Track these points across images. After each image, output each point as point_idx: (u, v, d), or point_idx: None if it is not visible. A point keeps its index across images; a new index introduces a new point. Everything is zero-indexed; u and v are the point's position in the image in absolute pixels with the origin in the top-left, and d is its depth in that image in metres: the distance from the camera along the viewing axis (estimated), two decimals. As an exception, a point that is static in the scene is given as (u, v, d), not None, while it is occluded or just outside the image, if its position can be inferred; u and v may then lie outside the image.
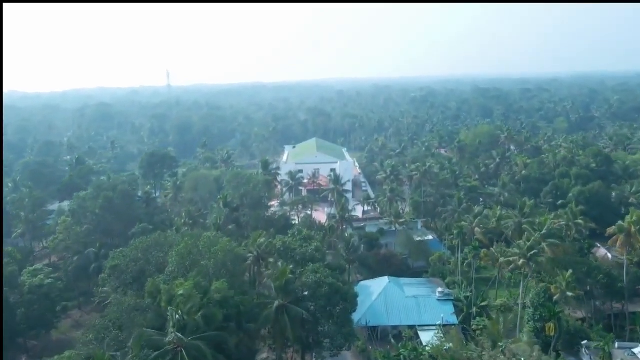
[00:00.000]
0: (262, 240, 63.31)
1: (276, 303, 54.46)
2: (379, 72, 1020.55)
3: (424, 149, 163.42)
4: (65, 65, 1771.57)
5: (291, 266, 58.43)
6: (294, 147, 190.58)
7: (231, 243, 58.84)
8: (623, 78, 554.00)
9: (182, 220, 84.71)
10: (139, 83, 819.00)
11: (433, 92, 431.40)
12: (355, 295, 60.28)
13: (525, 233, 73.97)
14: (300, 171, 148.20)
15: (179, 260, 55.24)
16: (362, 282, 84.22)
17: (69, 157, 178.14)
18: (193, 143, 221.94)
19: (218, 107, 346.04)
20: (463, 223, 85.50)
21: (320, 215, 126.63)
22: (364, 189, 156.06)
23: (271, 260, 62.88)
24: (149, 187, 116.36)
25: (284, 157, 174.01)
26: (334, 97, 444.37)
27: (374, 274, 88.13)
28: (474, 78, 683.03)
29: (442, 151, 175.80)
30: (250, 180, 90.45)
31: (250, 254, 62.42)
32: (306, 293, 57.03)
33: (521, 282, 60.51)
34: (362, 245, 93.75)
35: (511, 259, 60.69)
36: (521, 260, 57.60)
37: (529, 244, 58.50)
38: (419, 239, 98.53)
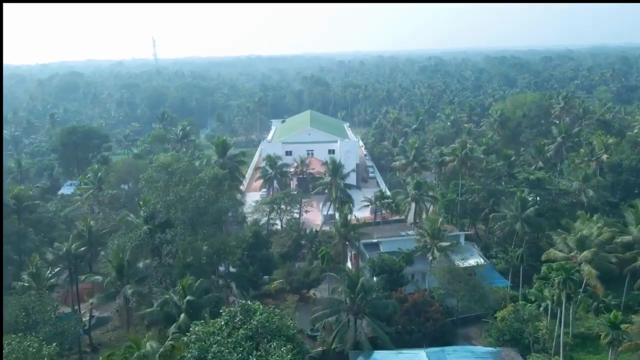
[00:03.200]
0: (149, 348, 26.32)
1: None
2: (379, 46, 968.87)
3: (449, 123, 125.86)
4: (56, 38, 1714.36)
5: None
6: (283, 122, 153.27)
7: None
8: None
9: (63, 251, 48.03)
10: (131, 55, 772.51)
11: (443, 62, 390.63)
12: None
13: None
14: (288, 153, 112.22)
15: None
16: (380, 355, 48.28)
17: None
18: (175, 118, 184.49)
19: (203, 77, 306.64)
20: (557, 253, 48.70)
21: (315, 216, 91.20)
22: (371, 175, 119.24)
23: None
24: (34, 187, 79.67)
25: (270, 135, 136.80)
26: (334, 67, 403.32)
27: (394, 326, 52.61)
28: (478, 51, 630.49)
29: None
30: (188, 175, 52.99)
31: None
32: None
33: None
34: (375, 278, 57.60)
35: None
36: None
37: None
38: (465, 264, 62.21)
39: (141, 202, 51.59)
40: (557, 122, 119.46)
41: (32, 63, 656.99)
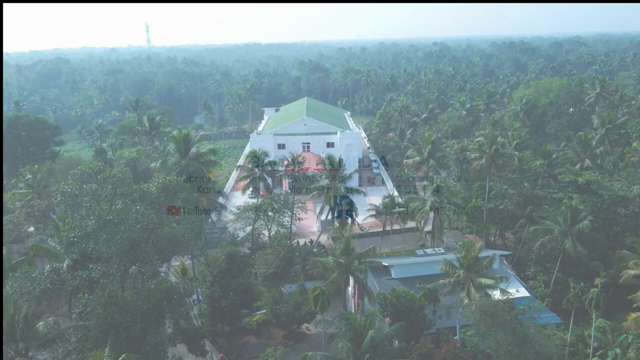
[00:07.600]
0: None
1: None
2: (379, 34, 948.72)
3: (464, 112, 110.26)
4: (52, 25, 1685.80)
5: None
6: (276, 111, 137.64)
7: None
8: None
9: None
10: (127, 43, 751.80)
11: (448, 48, 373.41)
12: None
13: None
14: (281, 147, 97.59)
15: None
16: None
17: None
18: (151, 106, 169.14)
19: (195, 63, 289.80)
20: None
21: (310, 222, 76.87)
22: (375, 170, 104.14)
23: None
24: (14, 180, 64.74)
25: (261, 125, 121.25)
26: (334, 54, 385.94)
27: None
28: (481, 39, 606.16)
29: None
30: (124, 186, 37.34)
31: None
32: None
33: None
34: (387, 320, 42.72)
35: None
36: None
37: None
38: (500, 294, 46.98)
39: (60, 223, 36.37)
40: (589, 110, 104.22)
41: (26, 50, 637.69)
